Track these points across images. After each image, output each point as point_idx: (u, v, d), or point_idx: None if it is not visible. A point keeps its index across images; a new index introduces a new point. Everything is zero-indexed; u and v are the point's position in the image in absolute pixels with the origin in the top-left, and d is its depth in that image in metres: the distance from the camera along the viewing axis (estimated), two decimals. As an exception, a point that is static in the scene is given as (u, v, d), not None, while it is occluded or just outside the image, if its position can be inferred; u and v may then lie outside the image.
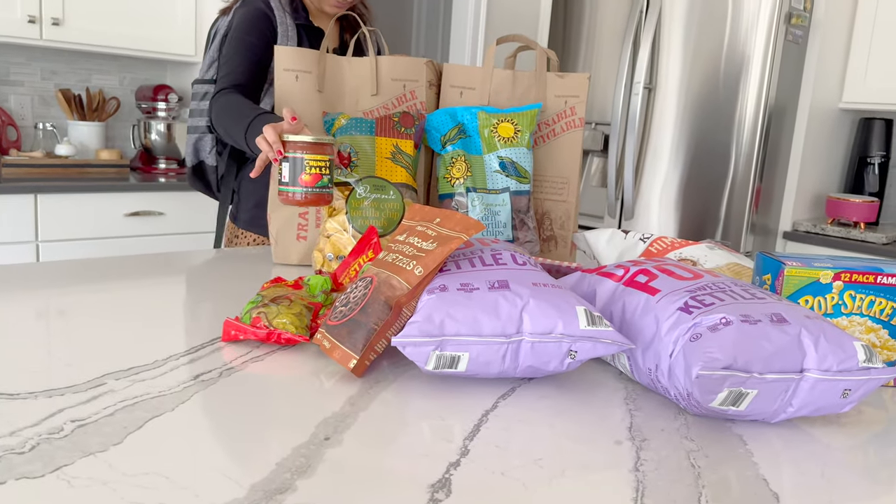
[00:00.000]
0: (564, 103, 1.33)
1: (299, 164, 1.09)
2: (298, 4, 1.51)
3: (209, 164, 1.57)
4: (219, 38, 1.49)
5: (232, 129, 1.30)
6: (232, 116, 1.30)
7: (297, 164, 1.09)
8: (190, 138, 1.58)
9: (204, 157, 1.57)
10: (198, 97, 1.53)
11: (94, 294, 1.01)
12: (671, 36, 2.43)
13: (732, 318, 0.70)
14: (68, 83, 2.87)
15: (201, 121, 1.54)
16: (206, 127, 1.55)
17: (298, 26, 1.48)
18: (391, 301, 0.77)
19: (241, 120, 1.27)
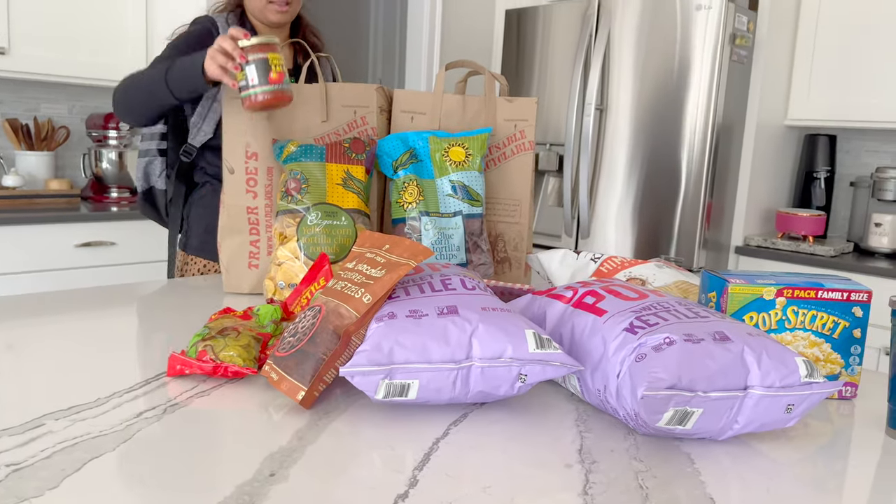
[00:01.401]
0: (514, 127, 1.35)
1: (264, 64, 1.15)
2: (247, 25, 1.52)
3: (158, 188, 1.56)
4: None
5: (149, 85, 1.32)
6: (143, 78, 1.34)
7: (263, 65, 1.15)
8: (140, 162, 1.57)
9: (153, 181, 1.56)
10: None
11: (41, 328, 0.98)
12: (621, 58, 2.49)
13: (676, 338, 0.71)
14: (15, 112, 2.80)
15: (151, 144, 1.53)
16: (157, 150, 1.54)
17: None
18: (340, 330, 0.76)
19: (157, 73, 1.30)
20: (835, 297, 0.88)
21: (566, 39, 2.63)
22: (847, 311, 0.88)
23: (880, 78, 2.45)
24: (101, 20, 2.69)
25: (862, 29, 2.48)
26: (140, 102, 1.36)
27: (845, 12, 2.51)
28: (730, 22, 2.29)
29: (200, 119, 1.48)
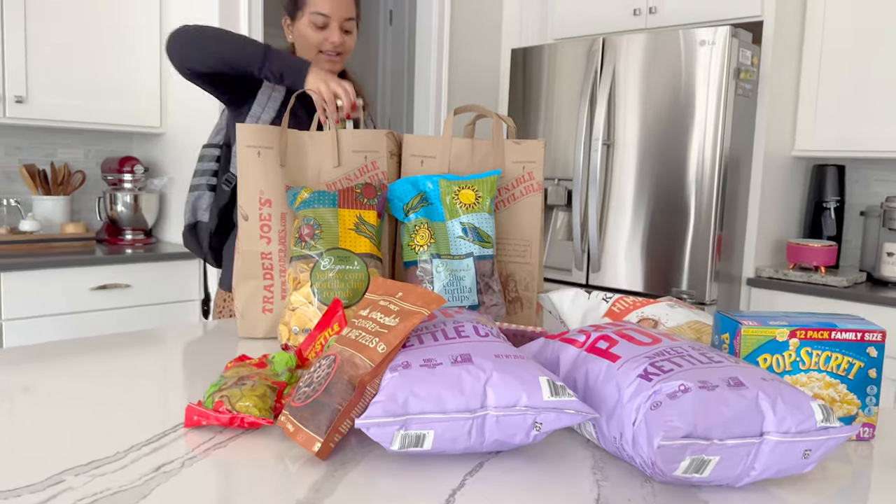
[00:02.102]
0: (522, 168, 1.37)
1: None
2: None
3: (203, 221, 1.61)
4: (225, 112, 1.61)
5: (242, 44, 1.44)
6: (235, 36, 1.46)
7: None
8: (190, 196, 1.62)
9: (200, 215, 1.61)
10: (205, 159, 1.61)
11: (59, 377, 0.99)
12: (627, 94, 2.52)
13: (691, 385, 0.71)
14: (33, 158, 2.86)
15: (202, 179, 1.59)
16: (207, 185, 1.60)
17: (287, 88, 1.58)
18: (354, 380, 0.77)
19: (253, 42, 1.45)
20: (848, 337, 0.88)
21: (572, 76, 2.67)
22: (861, 352, 0.88)
23: (887, 108, 2.46)
24: (116, 68, 2.75)
25: (866, 60, 2.50)
26: (220, 50, 1.44)
27: (849, 44, 2.53)
28: (734, 57, 2.32)
29: None
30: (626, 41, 2.51)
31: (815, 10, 2.59)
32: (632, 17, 2.76)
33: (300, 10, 1.58)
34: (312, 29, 1.56)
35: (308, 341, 1.08)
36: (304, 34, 1.58)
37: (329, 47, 1.57)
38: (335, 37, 1.56)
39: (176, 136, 2.88)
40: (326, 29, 1.56)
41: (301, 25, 1.58)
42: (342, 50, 1.59)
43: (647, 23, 2.72)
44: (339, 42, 1.57)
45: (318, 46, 1.57)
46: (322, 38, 1.57)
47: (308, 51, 1.58)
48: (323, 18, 1.55)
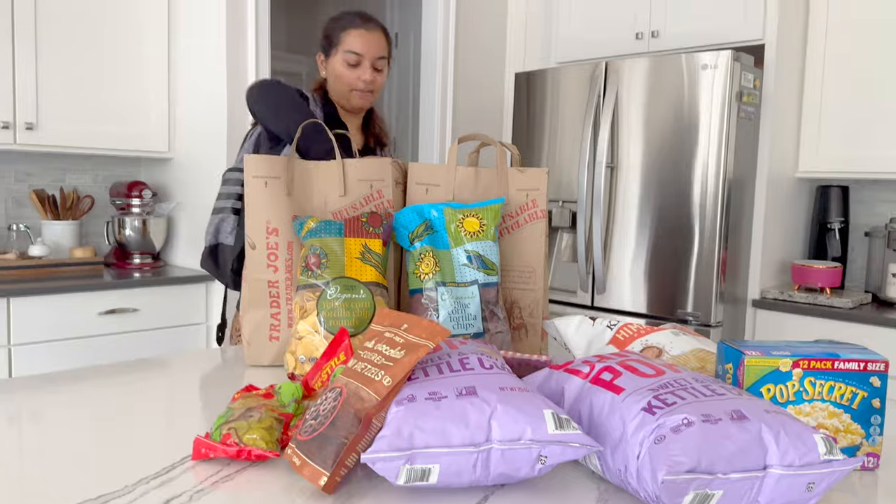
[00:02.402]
0: (526, 196, 1.38)
1: None
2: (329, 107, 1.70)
3: (227, 244, 1.63)
4: (253, 139, 1.66)
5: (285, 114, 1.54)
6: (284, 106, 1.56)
7: None
8: (214, 219, 1.65)
9: (223, 238, 1.63)
10: (229, 183, 1.65)
11: (66, 407, 1.00)
12: (630, 117, 2.54)
13: (694, 419, 0.71)
14: (42, 183, 2.89)
15: (227, 203, 1.62)
16: (232, 209, 1.63)
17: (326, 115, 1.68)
18: (360, 414, 0.77)
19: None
20: (851, 367, 0.88)
21: (575, 99, 2.69)
22: (865, 381, 0.88)
23: (890, 129, 2.47)
24: (126, 94, 2.79)
25: (868, 82, 2.51)
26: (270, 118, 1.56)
27: (850, 66, 2.55)
28: (736, 80, 2.34)
29: None
30: (628, 65, 2.53)
31: (817, 32, 2.62)
32: (634, 41, 2.79)
33: (334, 48, 1.67)
34: (346, 67, 1.65)
35: (314, 371, 1.09)
36: (338, 72, 1.66)
37: (361, 85, 1.66)
38: (367, 75, 1.65)
39: (184, 160, 2.91)
40: (359, 67, 1.65)
41: (335, 63, 1.67)
42: (373, 87, 1.68)
43: (649, 46, 2.75)
44: (371, 80, 1.66)
45: (351, 84, 1.66)
46: (355, 76, 1.65)
47: (341, 87, 1.67)
48: (356, 57, 1.64)
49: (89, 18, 2.68)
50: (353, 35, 1.65)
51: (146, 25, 2.83)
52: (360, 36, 1.65)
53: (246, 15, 2.70)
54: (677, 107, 2.42)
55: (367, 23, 1.67)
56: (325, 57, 1.71)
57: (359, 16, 1.68)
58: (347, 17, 1.69)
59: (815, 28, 2.62)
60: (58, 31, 2.60)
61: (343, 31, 1.66)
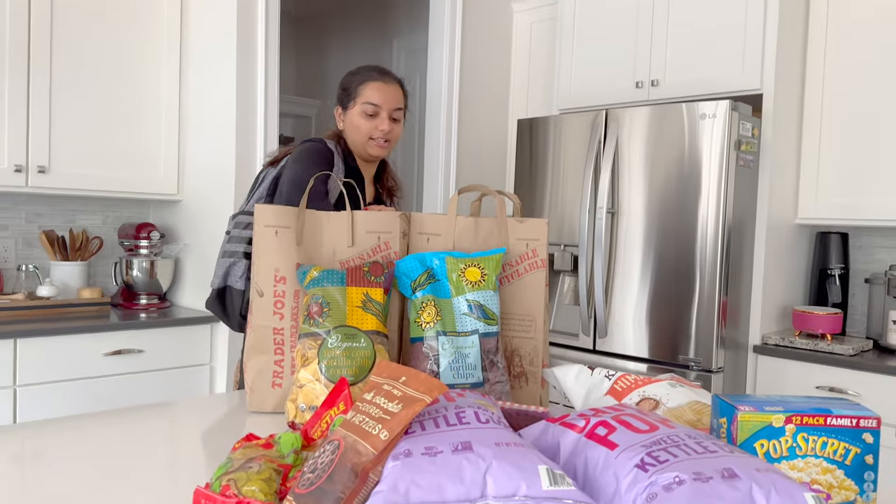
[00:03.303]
0: (526, 246, 1.41)
1: None
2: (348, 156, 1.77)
3: (237, 288, 1.66)
4: (268, 182, 1.71)
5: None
6: None
7: None
8: (224, 262, 1.68)
9: (233, 281, 1.67)
10: (240, 226, 1.69)
11: (67, 458, 1.02)
12: (630, 164, 2.58)
13: (685, 477, 0.73)
14: (52, 224, 2.94)
15: (239, 247, 1.66)
16: (243, 253, 1.66)
17: (346, 168, 1.75)
18: (357, 468, 0.79)
19: None
20: (844, 423, 0.89)
21: (577, 146, 2.74)
22: (857, 438, 0.90)
23: (888, 177, 2.51)
24: (137, 137, 2.86)
25: (866, 130, 2.56)
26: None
27: (848, 115, 2.60)
28: (735, 129, 2.38)
29: None
30: (629, 114, 2.58)
31: (814, 82, 2.67)
32: (634, 89, 2.85)
33: (353, 100, 1.74)
34: (364, 118, 1.72)
35: (314, 420, 1.10)
36: (356, 123, 1.73)
37: (379, 135, 1.72)
38: (384, 125, 1.72)
39: (192, 202, 2.96)
40: (377, 118, 1.72)
41: (353, 114, 1.74)
42: (390, 137, 1.75)
43: (649, 95, 2.81)
44: (388, 130, 1.73)
45: (369, 134, 1.73)
46: (372, 126, 1.72)
47: (358, 137, 1.74)
48: (374, 108, 1.71)
49: (103, 64, 2.76)
50: (371, 87, 1.72)
51: (158, 69, 2.91)
52: (378, 89, 1.72)
53: (256, 59, 2.77)
54: (677, 154, 2.46)
55: (384, 76, 1.75)
56: (342, 109, 1.78)
57: (376, 70, 1.76)
58: (366, 71, 1.76)
59: (812, 77, 2.67)
60: (71, 76, 2.68)
61: (361, 84, 1.73)
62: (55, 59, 2.63)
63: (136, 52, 2.84)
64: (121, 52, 2.80)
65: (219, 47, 2.80)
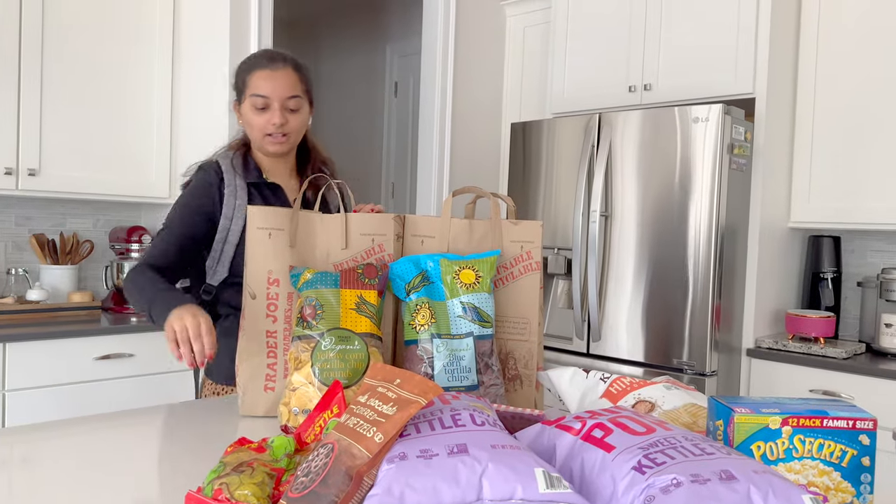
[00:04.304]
0: (521, 248, 1.40)
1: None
2: (251, 164, 1.61)
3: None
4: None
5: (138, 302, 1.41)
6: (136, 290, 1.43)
7: None
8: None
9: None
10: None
11: (58, 463, 1.00)
12: (623, 167, 2.58)
13: (683, 479, 0.72)
14: (42, 227, 2.92)
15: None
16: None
17: (249, 185, 1.58)
18: (352, 471, 0.78)
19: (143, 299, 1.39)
20: (840, 425, 0.89)
21: (570, 150, 2.74)
22: (854, 439, 0.89)
23: (879, 180, 2.52)
24: (128, 141, 2.84)
25: (857, 134, 2.57)
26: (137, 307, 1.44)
27: (840, 119, 2.61)
28: (727, 133, 2.39)
29: (214, 262, 1.56)
30: (622, 117, 2.59)
31: (806, 86, 2.68)
32: (627, 93, 2.85)
33: (243, 92, 1.56)
34: (254, 112, 1.54)
35: (307, 423, 1.09)
36: (248, 118, 1.56)
37: (272, 129, 1.53)
38: (276, 118, 1.52)
39: (183, 206, 2.94)
40: (268, 110, 1.53)
41: (245, 109, 1.56)
42: (287, 130, 1.55)
43: (642, 99, 2.81)
44: (282, 122, 1.53)
45: (262, 129, 1.54)
46: (265, 121, 1.53)
47: (254, 134, 1.57)
48: (263, 100, 1.52)
49: (94, 67, 2.74)
50: (257, 77, 1.53)
51: (150, 72, 2.89)
52: (265, 77, 1.52)
53: (248, 65, 2.76)
54: (670, 158, 2.47)
55: (272, 62, 1.54)
56: (238, 104, 1.60)
57: (265, 56, 1.56)
58: (253, 59, 1.58)
59: (803, 81, 2.69)
60: (62, 78, 2.66)
61: (248, 74, 1.55)
62: (46, 62, 2.61)
63: (128, 55, 2.83)
64: (112, 54, 2.79)
65: (211, 50, 2.79)
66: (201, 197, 1.55)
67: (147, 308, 1.37)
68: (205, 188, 1.55)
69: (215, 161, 1.59)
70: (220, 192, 1.55)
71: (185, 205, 1.54)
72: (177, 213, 1.54)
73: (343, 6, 5.10)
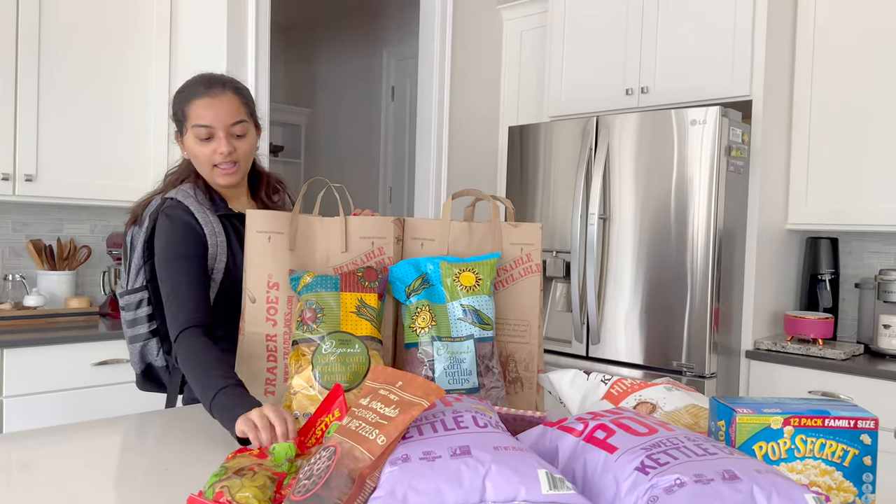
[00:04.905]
0: (520, 250, 1.40)
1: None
2: (215, 195, 1.51)
3: (158, 365, 1.51)
4: (139, 247, 1.47)
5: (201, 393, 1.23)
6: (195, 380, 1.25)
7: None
8: (133, 348, 1.50)
9: (151, 359, 1.51)
10: (132, 307, 1.49)
11: (57, 469, 1.00)
12: (621, 170, 2.58)
13: (686, 479, 0.72)
14: (40, 233, 2.91)
15: (142, 328, 1.48)
16: (149, 332, 1.49)
17: (220, 217, 1.49)
18: (354, 473, 0.78)
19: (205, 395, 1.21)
20: (842, 424, 0.89)
21: (567, 153, 2.74)
22: (855, 439, 0.89)
23: (875, 182, 2.52)
24: (125, 147, 2.83)
25: (854, 136, 2.58)
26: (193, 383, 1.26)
27: (836, 121, 2.62)
28: (724, 135, 2.39)
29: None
30: (619, 120, 2.59)
31: (802, 88, 2.69)
32: (624, 96, 2.86)
33: (183, 124, 1.46)
34: (198, 143, 1.44)
35: (308, 427, 1.09)
36: (193, 150, 1.46)
37: (220, 159, 1.44)
38: (223, 147, 1.43)
39: (181, 211, 2.93)
40: (213, 140, 1.44)
41: (188, 141, 1.46)
42: (236, 158, 1.45)
43: (639, 102, 2.82)
44: (229, 150, 1.44)
45: (210, 160, 1.45)
46: (211, 151, 1.44)
47: (202, 167, 1.47)
48: (206, 130, 1.43)
49: (91, 73, 2.74)
50: (197, 106, 1.43)
51: (147, 78, 2.89)
52: (205, 105, 1.42)
53: (246, 67, 2.76)
54: (667, 161, 2.47)
55: (210, 88, 1.44)
56: (180, 136, 1.50)
57: (202, 82, 1.46)
58: (189, 86, 1.47)
59: (800, 83, 2.70)
60: (59, 84, 2.66)
61: (187, 104, 1.44)
62: (43, 68, 2.61)
63: (125, 60, 2.83)
64: (110, 60, 2.78)
65: (208, 55, 2.78)
66: (194, 244, 1.43)
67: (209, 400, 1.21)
68: (190, 233, 1.43)
69: (175, 200, 1.46)
70: (199, 233, 1.44)
71: (185, 256, 1.40)
72: (181, 265, 1.39)
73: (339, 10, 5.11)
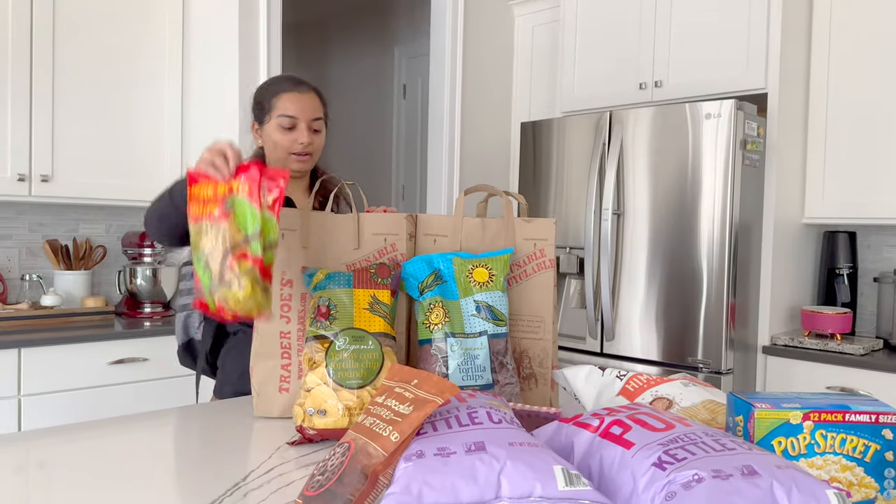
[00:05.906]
0: (534, 246, 1.39)
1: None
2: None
3: (198, 339, 1.62)
4: None
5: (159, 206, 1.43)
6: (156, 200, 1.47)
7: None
8: (179, 317, 1.63)
9: (193, 333, 1.62)
10: (187, 277, 1.62)
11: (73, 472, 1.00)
12: (635, 165, 2.56)
13: (704, 475, 0.71)
14: (56, 234, 2.93)
15: (189, 298, 1.60)
16: None
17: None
18: (367, 470, 0.77)
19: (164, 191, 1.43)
20: (863, 419, 0.88)
21: (581, 148, 2.73)
22: (877, 434, 0.88)
23: (894, 174, 2.49)
24: (139, 147, 2.85)
25: (871, 128, 2.54)
26: (161, 225, 1.45)
27: (853, 113, 2.58)
28: (740, 129, 2.37)
29: None
30: (633, 115, 2.57)
31: (818, 80, 2.66)
32: (638, 90, 2.84)
33: (268, 113, 1.61)
34: (281, 132, 1.59)
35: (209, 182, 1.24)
36: (273, 137, 1.60)
37: (298, 148, 1.59)
38: (304, 137, 1.58)
39: (195, 210, 2.94)
40: (295, 130, 1.59)
41: (269, 129, 1.60)
42: (311, 150, 1.61)
43: (652, 96, 2.79)
44: (308, 142, 1.59)
45: (288, 148, 1.59)
46: (291, 140, 1.59)
47: (278, 153, 1.61)
48: (291, 120, 1.58)
49: (105, 73, 2.76)
50: (285, 99, 1.59)
51: (161, 78, 2.91)
52: (293, 99, 1.59)
53: (258, 66, 2.77)
54: (682, 155, 2.45)
55: (298, 86, 1.61)
56: (258, 125, 1.65)
57: (290, 80, 1.63)
58: (279, 82, 1.64)
59: (816, 75, 2.66)
60: (73, 85, 2.67)
61: (275, 97, 1.60)
62: (58, 69, 2.63)
63: (138, 61, 2.84)
64: (123, 60, 2.80)
65: (221, 55, 2.79)
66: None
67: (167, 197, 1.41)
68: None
69: None
70: None
71: None
72: None
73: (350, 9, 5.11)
